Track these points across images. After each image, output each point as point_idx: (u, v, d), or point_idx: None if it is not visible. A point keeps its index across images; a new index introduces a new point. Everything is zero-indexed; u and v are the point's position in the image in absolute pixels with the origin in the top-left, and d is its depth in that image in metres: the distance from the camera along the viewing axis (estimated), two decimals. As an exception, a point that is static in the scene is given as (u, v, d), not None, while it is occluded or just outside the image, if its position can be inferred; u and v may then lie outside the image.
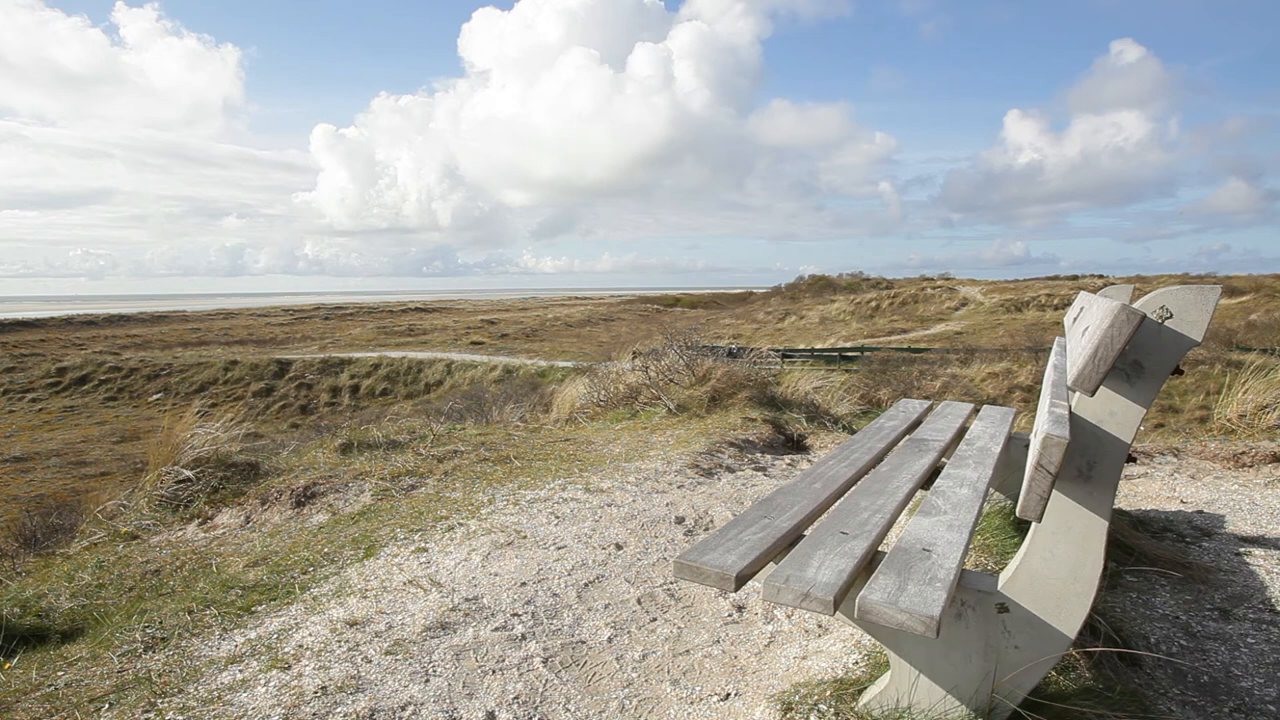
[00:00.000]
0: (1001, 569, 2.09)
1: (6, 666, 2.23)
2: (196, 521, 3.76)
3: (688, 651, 2.14)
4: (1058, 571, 1.48)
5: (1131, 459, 4.20)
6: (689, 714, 1.85)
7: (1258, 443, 4.32)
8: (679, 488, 3.74)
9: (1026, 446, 2.18)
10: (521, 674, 2.02)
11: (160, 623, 2.42)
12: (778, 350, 22.74)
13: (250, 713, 1.86)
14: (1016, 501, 1.81)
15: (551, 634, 2.24)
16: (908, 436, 2.62)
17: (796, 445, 4.92)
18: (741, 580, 1.40)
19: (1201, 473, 4.01)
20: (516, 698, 1.91)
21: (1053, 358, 2.28)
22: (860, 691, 1.72)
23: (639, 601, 2.45)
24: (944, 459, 2.37)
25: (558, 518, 3.28)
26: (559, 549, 2.92)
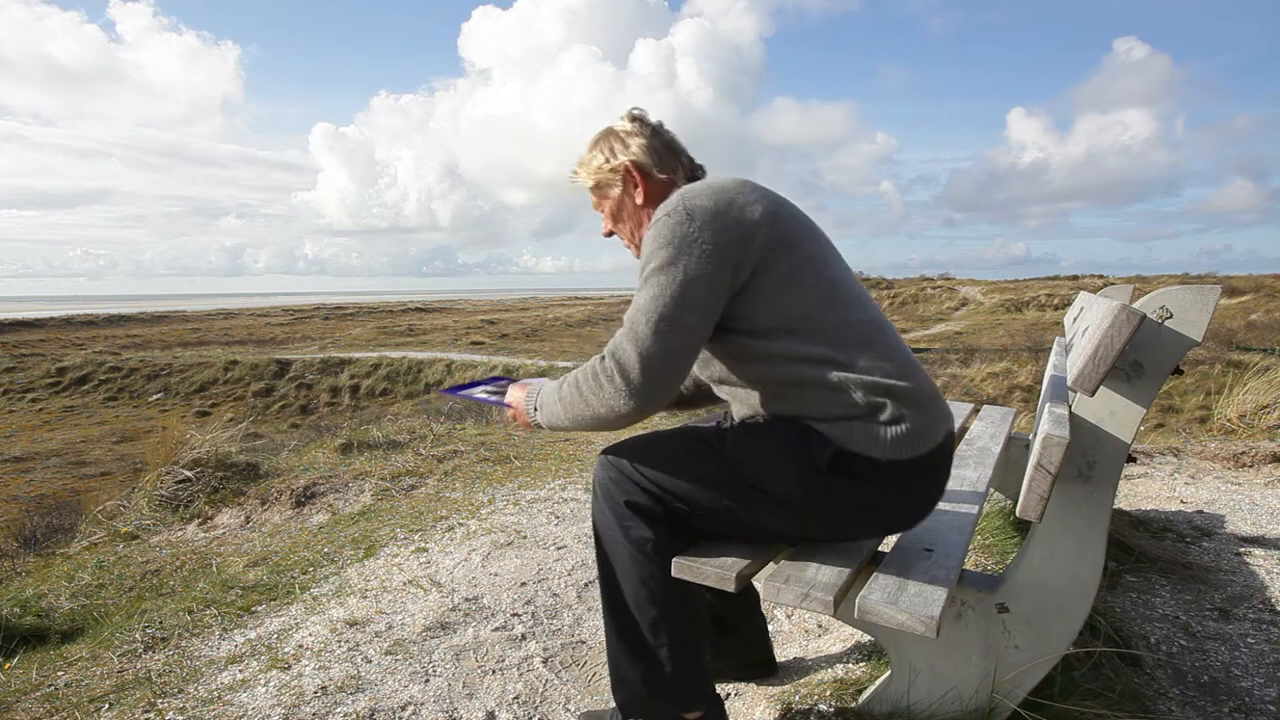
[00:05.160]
0: (1001, 569, 2.10)
1: (6, 666, 2.24)
2: (196, 521, 3.76)
3: (688, 651, 2.14)
4: (1058, 571, 1.48)
5: (1131, 459, 4.20)
6: (689, 714, 1.84)
7: (1258, 443, 4.32)
8: (679, 488, 3.74)
9: (1026, 446, 2.18)
10: (521, 674, 2.02)
11: (160, 623, 2.42)
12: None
13: (250, 713, 1.86)
14: (1016, 501, 1.82)
15: (551, 634, 2.24)
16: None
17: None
18: (741, 580, 1.40)
19: (1201, 473, 4.01)
20: (516, 698, 1.91)
21: (1053, 358, 2.28)
22: (860, 691, 1.72)
23: (639, 601, 2.45)
24: (944, 459, 2.36)
25: (558, 518, 3.28)
26: (559, 549, 2.92)
